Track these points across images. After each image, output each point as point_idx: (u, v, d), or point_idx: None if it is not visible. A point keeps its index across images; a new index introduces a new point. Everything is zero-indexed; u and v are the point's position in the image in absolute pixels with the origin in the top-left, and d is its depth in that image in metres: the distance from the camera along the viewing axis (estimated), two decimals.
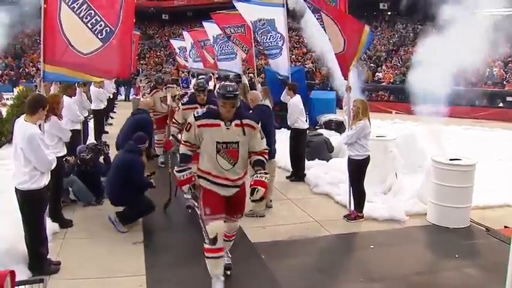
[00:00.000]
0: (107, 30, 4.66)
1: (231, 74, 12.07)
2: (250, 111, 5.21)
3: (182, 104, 5.86)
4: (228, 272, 3.97)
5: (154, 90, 8.46)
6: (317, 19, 5.96)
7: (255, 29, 8.89)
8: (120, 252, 4.57)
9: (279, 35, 8.52)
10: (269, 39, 8.66)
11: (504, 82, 17.80)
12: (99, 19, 4.64)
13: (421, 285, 4.07)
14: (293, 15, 10.79)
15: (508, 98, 16.73)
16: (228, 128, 3.56)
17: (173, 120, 6.02)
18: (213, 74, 14.61)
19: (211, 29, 12.01)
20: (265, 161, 3.70)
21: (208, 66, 14.02)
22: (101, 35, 4.65)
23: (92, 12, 4.63)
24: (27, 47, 29.82)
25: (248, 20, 8.99)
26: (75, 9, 4.60)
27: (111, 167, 5.61)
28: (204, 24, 12.67)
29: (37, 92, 5.26)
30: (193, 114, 3.65)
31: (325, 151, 8.13)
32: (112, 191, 5.35)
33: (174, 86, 9.09)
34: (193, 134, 3.61)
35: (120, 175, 5.16)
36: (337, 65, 5.96)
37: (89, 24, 4.63)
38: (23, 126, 3.87)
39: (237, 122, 3.58)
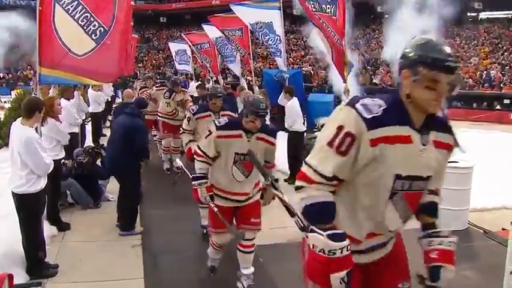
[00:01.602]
0: (100, 30, 4.61)
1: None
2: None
3: (193, 114, 5.22)
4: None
5: (174, 94, 7.77)
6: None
7: (255, 31, 8.93)
8: (119, 256, 4.55)
9: (278, 37, 8.56)
10: (268, 41, 8.71)
11: (501, 85, 17.87)
12: (92, 19, 4.58)
13: None
14: (293, 18, 10.85)
15: (505, 101, 16.81)
16: None
17: (183, 129, 5.40)
18: (211, 77, 14.61)
19: (211, 31, 12.06)
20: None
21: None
22: (94, 36, 4.59)
23: (87, 14, 4.57)
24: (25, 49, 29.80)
25: (247, 22, 9.03)
26: (69, 11, 4.55)
27: (111, 133, 5.56)
28: (204, 27, 12.73)
29: (33, 94, 5.25)
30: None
31: None
32: (111, 156, 5.32)
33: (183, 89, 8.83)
34: None
35: (125, 139, 5.06)
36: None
37: (83, 25, 4.57)
38: (19, 129, 3.86)
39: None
